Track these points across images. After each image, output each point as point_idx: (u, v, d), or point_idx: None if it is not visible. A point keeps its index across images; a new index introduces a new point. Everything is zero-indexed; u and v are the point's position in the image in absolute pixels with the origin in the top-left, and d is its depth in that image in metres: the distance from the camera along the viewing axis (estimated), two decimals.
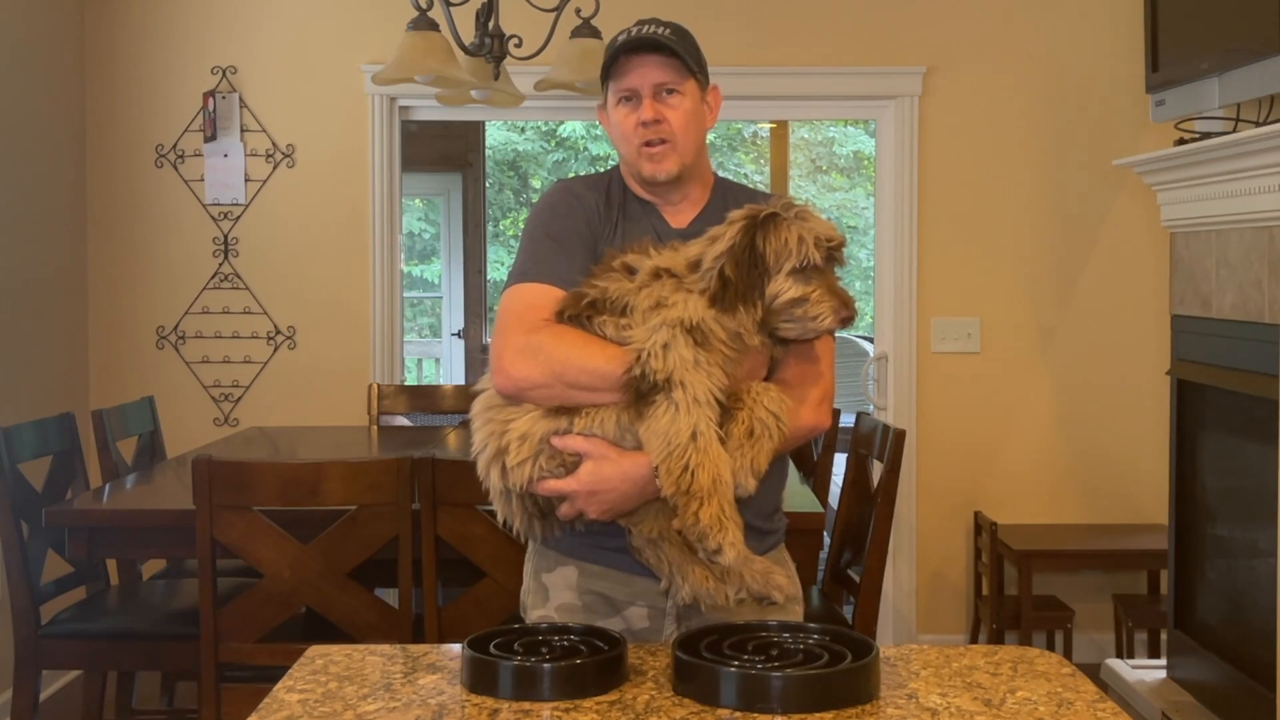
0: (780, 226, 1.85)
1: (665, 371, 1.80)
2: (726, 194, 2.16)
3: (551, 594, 2.10)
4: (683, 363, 1.80)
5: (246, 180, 4.95)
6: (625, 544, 1.99)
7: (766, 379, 1.94)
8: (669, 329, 1.82)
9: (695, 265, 1.88)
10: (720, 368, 1.83)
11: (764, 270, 1.84)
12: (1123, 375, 4.94)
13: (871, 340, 5.41)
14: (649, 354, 1.81)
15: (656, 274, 1.89)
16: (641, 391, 1.82)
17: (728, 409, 1.84)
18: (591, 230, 2.08)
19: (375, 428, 4.52)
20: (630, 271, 1.91)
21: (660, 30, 2.07)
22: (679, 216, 2.13)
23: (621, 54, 2.06)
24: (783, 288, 1.84)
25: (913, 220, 4.95)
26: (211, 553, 2.89)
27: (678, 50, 2.05)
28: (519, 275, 2.04)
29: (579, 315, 1.91)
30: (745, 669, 1.57)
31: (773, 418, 1.85)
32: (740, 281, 1.83)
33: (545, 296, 1.98)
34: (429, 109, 5.06)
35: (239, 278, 4.98)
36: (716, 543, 1.78)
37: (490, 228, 10.00)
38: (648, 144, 2.06)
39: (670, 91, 2.06)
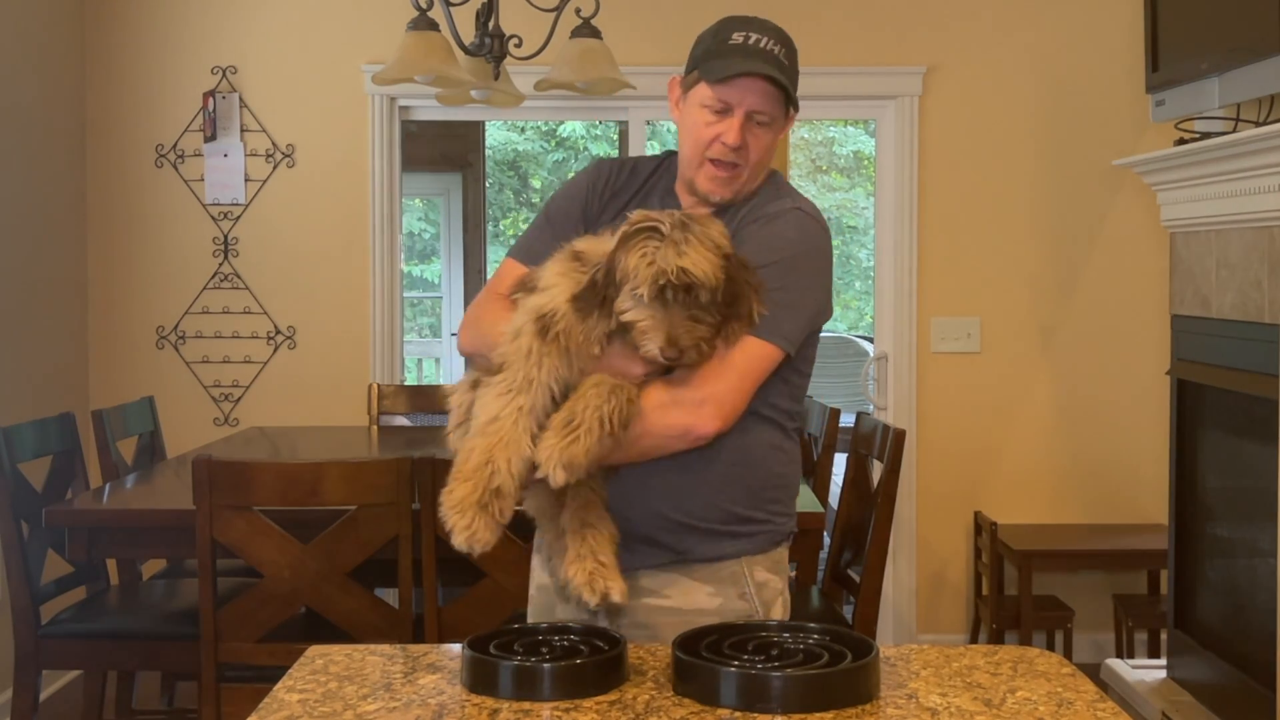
0: (634, 247, 1.78)
1: (502, 357, 1.84)
2: (760, 197, 2.06)
3: (534, 574, 2.17)
4: (518, 351, 1.82)
5: (246, 180, 4.95)
6: None
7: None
8: (525, 315, 1.85)
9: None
10: (559, 360, 1.81)
11: (614, 285, 1.80)
12: (1123, 375, 4.94)
13: (871, 340, 5.41)
14: (506, 337, 1.85)
15: (574, 255, 1.89)
16: (490, 371, 1.86)
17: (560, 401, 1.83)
18: (586, 214, 2.08)
19: (375, 428, 4.52)
20: (576, 257, 1.90)
21: (776, 49, 1.99)
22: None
23: (736, 66, 1.96)
24: (624, 307, 1.80)
25: (913, 220, 4.94)
26: (211, 553, 2.89)
27: (785, 85, 1.98)
28: (511, 249, 2.13)
29: (513, 293, 1.97)
30: (745, 669, 1.57)
31: (593, 411, 1.78)
32: (596, 291, 1.81)
33: (511, 273, 2.06)
34: (429, 109, 5.06)
35: (239, 278, 4.98)
36: (451, 524, 1.77)
37: (490, 228, 10.00)
38: (715, 162, 1.99)
39: (762, 122, 1.99)
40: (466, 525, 1.77)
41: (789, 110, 2.03)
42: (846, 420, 4.07)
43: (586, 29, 3.66)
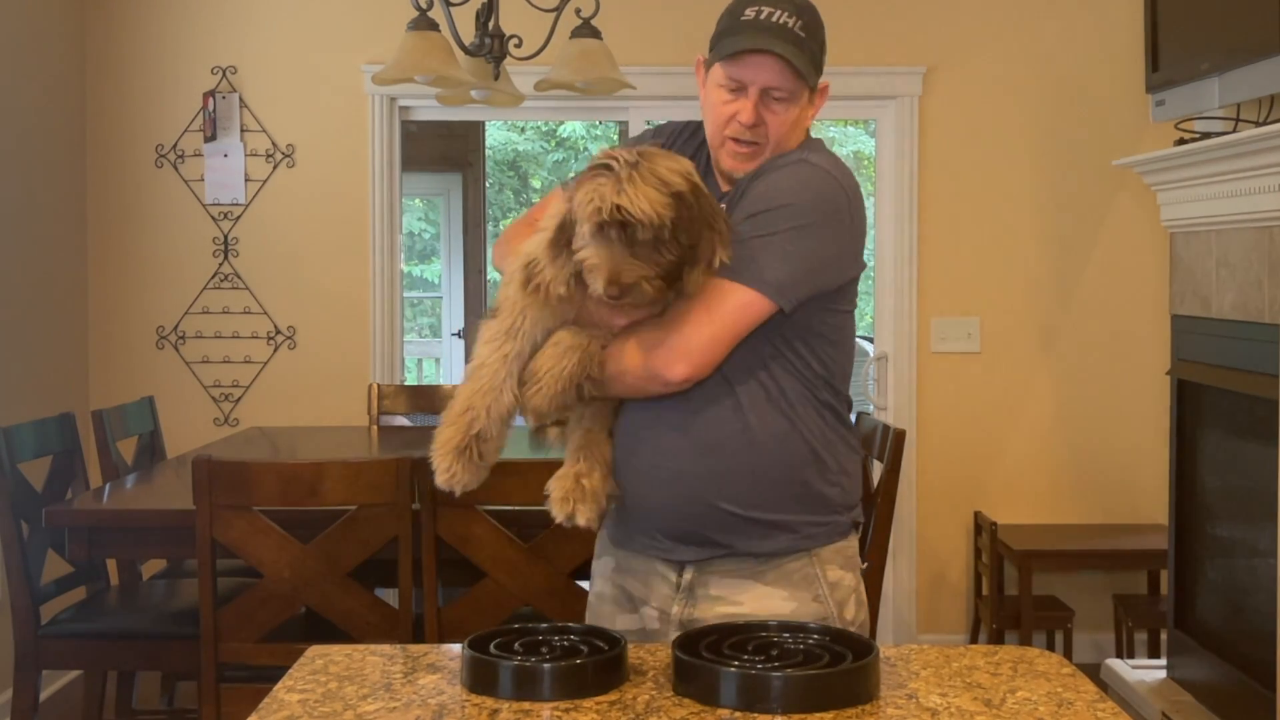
0: (584, 184, 1.77)
1: (496, 302, 1.90)
2: (759, 171, 1.99)
3: (594, 581, 2.14)
4: (506, 299, 1.88)
5: (246, 180, 4.95)
6: (653, 534, 1.99)
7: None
8: (518, 261, 1.87)
9: None
10: (541, 309, 1.85)
11: (572, 223, 1.80)
12: (1123, 375, 4.94)
13: (871, 340, 5.41)
14: (502, 283, 1.91)
15: (571, 195, 1.85)
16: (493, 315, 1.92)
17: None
18: None
19: (375, 428, 4.52)
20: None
21: (791, 20, 1.92)
22: (725, 183, 2.02)
23: (743, 42, 1.91)
24: (576, 246, 1.79)
25: (913, 220, 4.95)
26: (211, 553, 2.89)
27: (789, 58, 1.91)
28: (564, 182, 2.12)
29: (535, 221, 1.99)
30: (745, 669, 1.57)
31: (549, 368, 1.84)
32: (564, 231, 1.81)
33: (554, 199, 2.01)
34: (429, 109, 5.06)
35: (239, 278, 4.98)
36: (434, 465, 1.87)
37: (490, 228, 9.99)
38: (735, 140, 1.96)
39: (778, 98, 1.94)
40: (447, 468, 1.86)
41: (811, 86, 1.97)
42: None
43: (586, 29, 3.66)
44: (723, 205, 1.93)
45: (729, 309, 1.85)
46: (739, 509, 1.94)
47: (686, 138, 2.09)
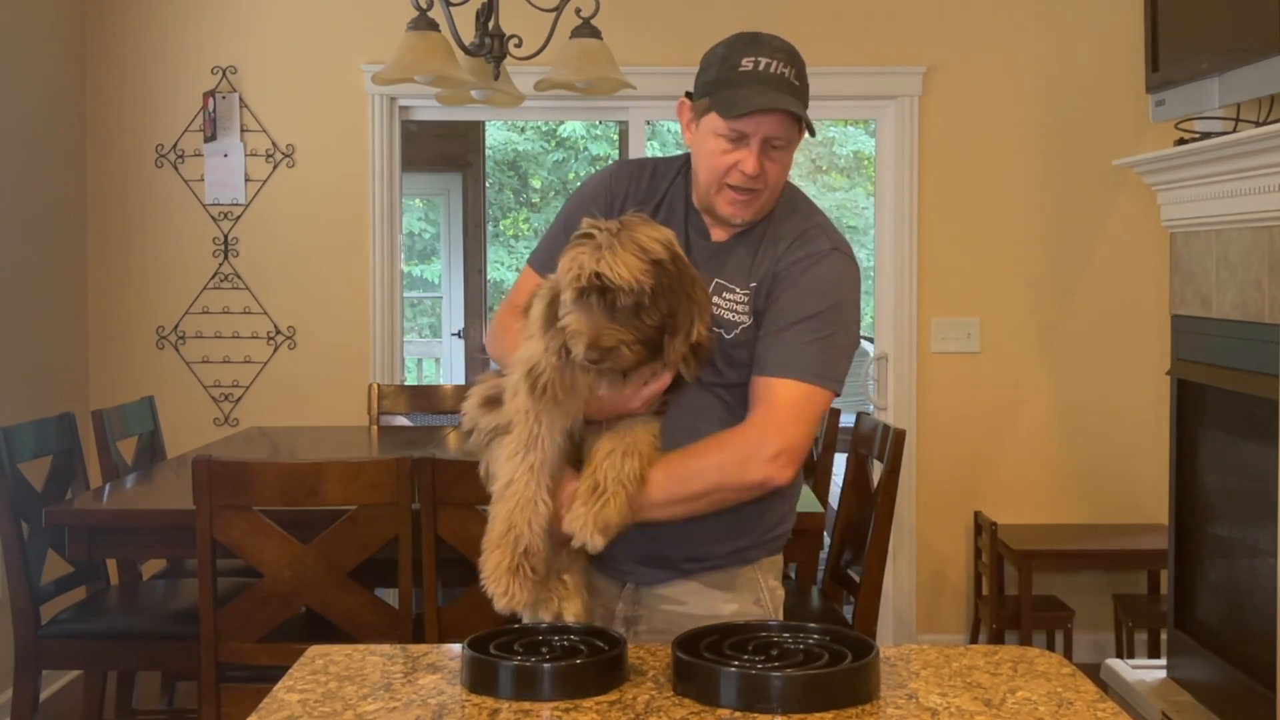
0: (567, 252, 1.82)
1: (506, 416, 1.89)
2: (777, 213, 2.04)
3: None
4: (517, 411, 1.87)
5: (246, 180, 4.95)
6: (614, 556, 2.01)
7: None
8: (519, 370, 1.87)
9: None
10: (554, 410, 1.86)
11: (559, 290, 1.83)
12: (1123, 375, 4.94)
13: (871, 340, 5.41)
14: (507, 395, 1.90)
15: (550, 289, 1.88)
16: (504, 428, 1.92)
17: (588, 449, 1.90)
18: (607, 218, 2.07)
19: (375, 428, 4.52)
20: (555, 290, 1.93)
21: (788, 71, 1.95)
22: (719, 230, 2.05)
23: (751, 100, 1.91)
24: (561, 314, 1.82)
25: (913, 220, 4.95)
26: (211, 553, 2.88)
27: (799, 113, 1.94)
28: (530, 256, 2.14)
29: (526, 307, 1.98)
30: (745, 669, 1.57)
31: (615, 476, 1.85)
32: (555, 303, 1.84)
33: (529, 282, 2.07)
34: (429, 109, 5.06)
35: (239, 278, 4.98)
36: (490, 591, 1.86)
37: (490, 228, 10.00)
38: (734, 188, 1.97)
39: (777, 146, 1.97)
40: (504, 591, 1.86)
41: (802, 127, 2.00)
42: (846, 420, 4.08)
43: (586, 29, 3.66)
44: (712, 248, 2.00)
45: (811, 407, 1.95)
46: (708, 555, 2.03)
47: (648, 180, 2.10)
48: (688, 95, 2.05)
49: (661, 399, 1.93)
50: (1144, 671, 4.38)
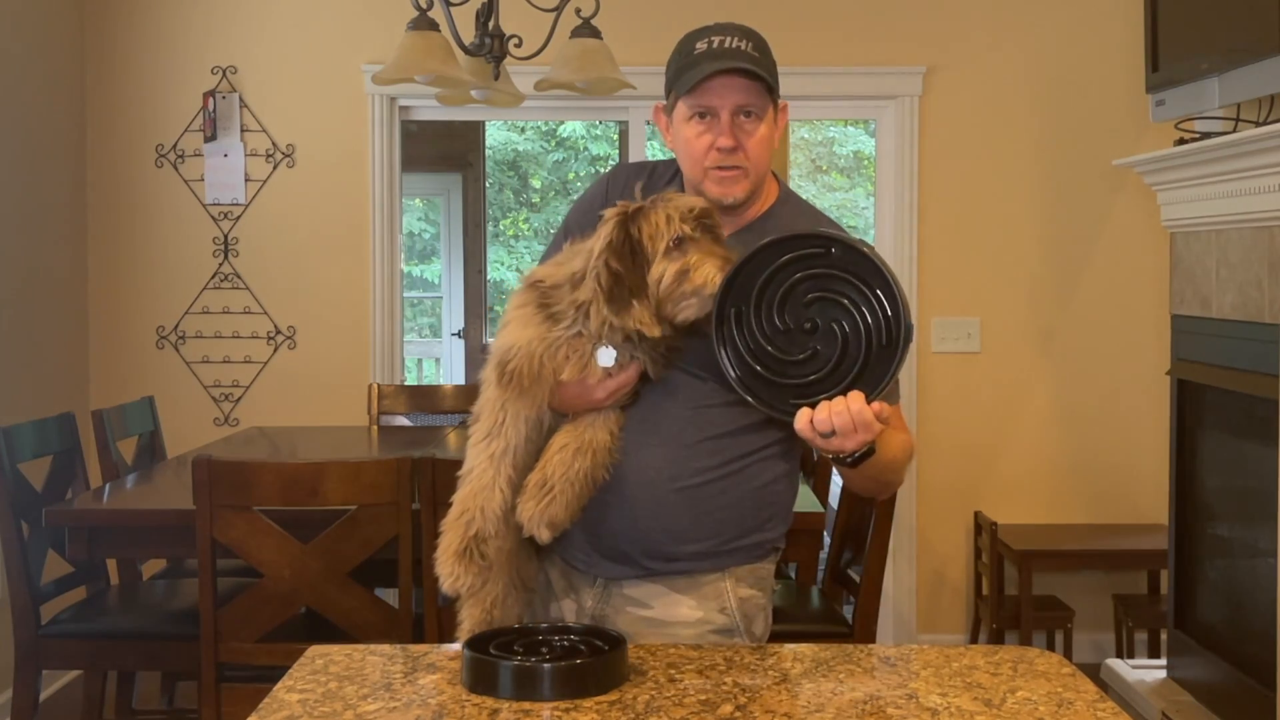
0: (650, 213, 1.87)
1: (476, 408, 1.96)
2: (779, 212, 2.06)
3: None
4: (485, 401, 1.94)
5: (246, 180, 4.95)
6: (586, 550, 2.03)
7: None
8: (492, 360, 1.92)
9: (579, 277, 1.88)
10: (519, 399, 1.90)
11: (645, 258, 1.85)
12: (1123, 375, 4.94)
13: None
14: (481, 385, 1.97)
15: (532, 285, 1.94)
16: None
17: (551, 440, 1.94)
18: None
19: (375, 428, 4.52)
20: (534, 286, 1.97)
21: (744, 44, 1.95)
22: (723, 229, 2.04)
23: (706, 69, 1.93)
24: (663, 269, 1.85)
25: (913, 220, 4.95)
26: (211, 553, 2.89)
27: (762, 74, 1.94)
28: (538, 266, 2.13)
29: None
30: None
31: (562, 474, 1.89)
32: (628, 273, 1.85)
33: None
34: (429, 109, 5.06)
35: (239, 278, 4.98)
36: (437, 572, 1.93)
37: (490, 228, 10.00)
38: (719, 167, 1.97)
39: (749, 115, 1.96)
40: (449, 573, 1.92)
41: (775, 101, 2.00)
42: None
43: (586, 29, 3.66)
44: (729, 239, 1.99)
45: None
46: (685, 550, 2.00)
47: (648, 176, 2.11)
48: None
49: (632, 392, 1.94)
50: (1144, 671, 4.39)
